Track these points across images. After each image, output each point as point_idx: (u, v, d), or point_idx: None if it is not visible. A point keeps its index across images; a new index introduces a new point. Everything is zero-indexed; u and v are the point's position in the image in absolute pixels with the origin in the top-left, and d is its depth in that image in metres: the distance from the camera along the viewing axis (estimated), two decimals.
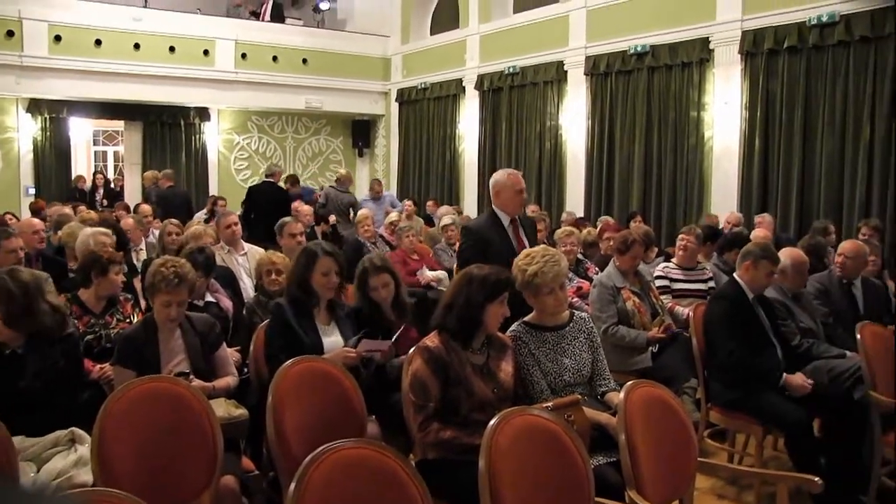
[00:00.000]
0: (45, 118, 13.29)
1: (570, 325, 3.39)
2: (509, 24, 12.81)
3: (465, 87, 13.67)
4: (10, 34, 12.13)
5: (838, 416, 3.96)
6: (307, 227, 7.27)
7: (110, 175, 16.51)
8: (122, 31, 12.99)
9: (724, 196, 9.36)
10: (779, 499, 2.84)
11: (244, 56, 14.15)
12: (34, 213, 9.21)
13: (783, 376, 3.96)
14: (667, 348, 4.84)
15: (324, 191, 10.90)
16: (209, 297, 4.49)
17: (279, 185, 9.49)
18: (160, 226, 6.79)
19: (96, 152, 18.19)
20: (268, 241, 6.28)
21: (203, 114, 14.78)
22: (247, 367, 3.96)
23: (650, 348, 4.81)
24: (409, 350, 3.38)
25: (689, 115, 9.82)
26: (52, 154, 13.46)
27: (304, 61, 14.79)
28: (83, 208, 8.81)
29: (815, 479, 2.81)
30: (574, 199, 11.46)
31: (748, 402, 4.03)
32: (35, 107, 13.09)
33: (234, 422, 3.23)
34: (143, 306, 4.43)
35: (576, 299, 5.55)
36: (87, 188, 13.63)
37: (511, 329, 3.37)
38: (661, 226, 9.90)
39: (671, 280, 5.59)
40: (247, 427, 3.34)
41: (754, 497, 4.09)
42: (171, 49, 13.43)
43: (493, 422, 2.52)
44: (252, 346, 3.88)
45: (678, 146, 9.98)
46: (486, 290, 3.08)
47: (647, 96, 10.35)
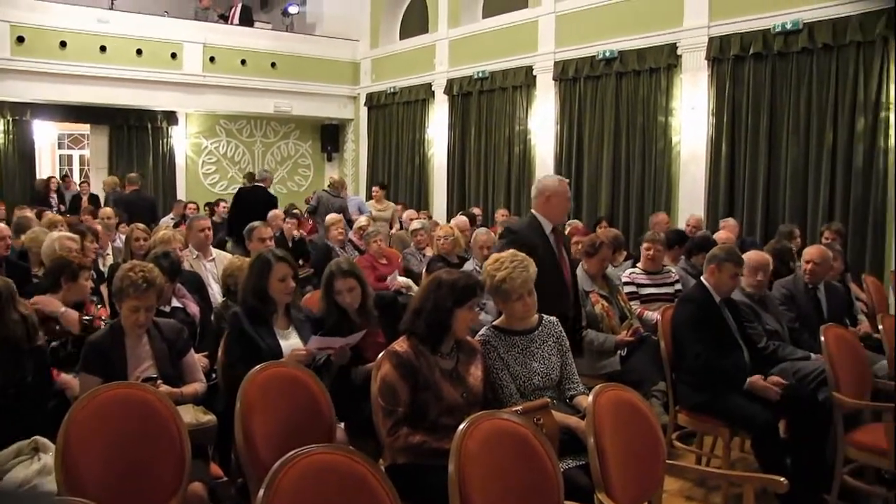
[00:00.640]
0: (8, 121, 13.09)
1: (539, 328, 3.41)
2: (479, 28, 12.84)
3: (434, 92, 13.67)
4: None
5: (803, 418, 4.02)
6: (276, 232, 7.23)
7: (76, 178, 16.23)
8: (87, 32, 12.80)
9: (691, 200, 9.45)
10: (745, 499, 2.87)
11: (212, 59, 14.03)
12: None
13: (747, 379, 4.02)
14: (635, 352, 4.88)
15: (316, 194, 10.94)
16: (175, 303, 4.45)
17: (268, 190, 9.81)
18: (127, 230, 6.71)
19: (61, 156, 17.91)
20: None
21: (171, 117, 14.64)
22: (215, 373, 3.93)
23: (619, 352, 4.85)
24: (377, 355, 3.37)
25: (656, 120, 9.92)
26: (16, 157, 13.27)
27: (273, 65, 14.69)
28: (49, 213, 8.67)
29: (781, 479, 2.85)
30: None
31: (716, 404, 4.08)
32: None
33: (202, 428, 3.20)
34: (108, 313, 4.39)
35: None
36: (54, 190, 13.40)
37: (480, 333, 3.38)
38: (629, 230, 9.96)
39: (638, 285, 5.64)
40: (215, 433, 3.32)
41: (722, 498, 4.14)
42: (139, 52, 13.26)
43: (462, 426, 2.53)
44: (220, 351, 3.84)
45: (646, 151, 10.07)
46: (454, 295, 3.08)
47: (616, 101, 10.43)
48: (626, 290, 5.49)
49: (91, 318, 3.98)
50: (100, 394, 2.83)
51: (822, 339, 4.09)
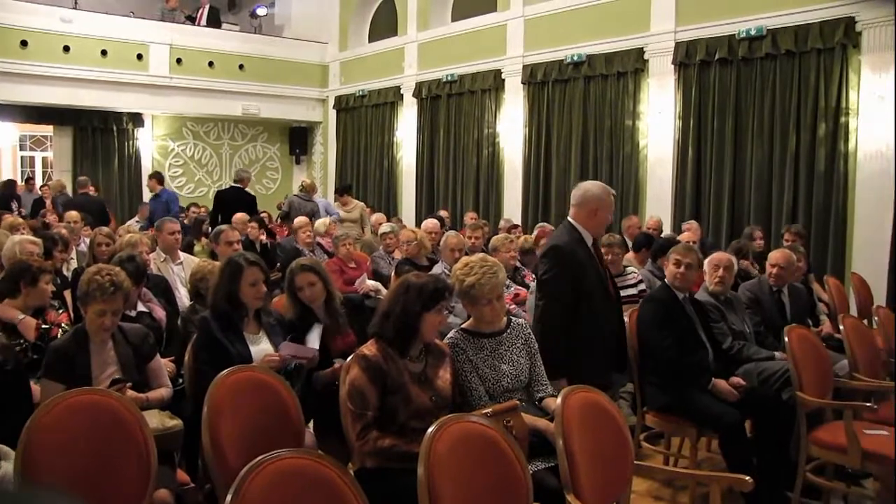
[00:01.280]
0: None
1: (508, 331, 3.42)
2: (447, 32, 12.88)
3: (403, 95, 13.67)
4: None
5: (768, 417, 4.08)
6: (243, 236, 7.18)
7: (38, 181, 15.97)
8: (50, 32, 12.60)
9: (658, 203, 9.56)
10: (712, 498, 2.90)
11: (179, 61, 13.89)
12: None
13: (712, 380, 4.08)
14: None
15: (288, 199, 10.92)
16: (141, 307, 4.39)
17: (246, 190, 9.86)
18: (90, 234, 6.61)
19: (23, 157, 17.62)
20: None
21: (136, 119, 14.49)
22: (181, 378, 3.88)
23: None
24: (346, 357, 3.36)
25: (624, 123, 10.02)
26: None
27: (241, 67, 14.59)
28: (9, 216, 8.51)
29: (747, 478, 2.89)
30: (511, 207, 11.56)
31: (683, 405, 4.12)
32: None
33: (168, 433, 3.16)
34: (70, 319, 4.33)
35: (513, 306, 5.59)
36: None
37: (449, 336, 3.38)
38: None
39: None
40: (181, 438, 3.28)
41: (689, 498, 4.19)
42: (104, 52, 13.09)
43: (431, 429, 2.52)
44: (187, 356, 3.80)
45: (614, 154, 10.17)
46: (423, 298, 3.08)
47: (584, 105, 10.52)
48: None
49: (49, 327, 3.90)
50: (62, 400, 2.77)
51: (786, 339, 4.15)
